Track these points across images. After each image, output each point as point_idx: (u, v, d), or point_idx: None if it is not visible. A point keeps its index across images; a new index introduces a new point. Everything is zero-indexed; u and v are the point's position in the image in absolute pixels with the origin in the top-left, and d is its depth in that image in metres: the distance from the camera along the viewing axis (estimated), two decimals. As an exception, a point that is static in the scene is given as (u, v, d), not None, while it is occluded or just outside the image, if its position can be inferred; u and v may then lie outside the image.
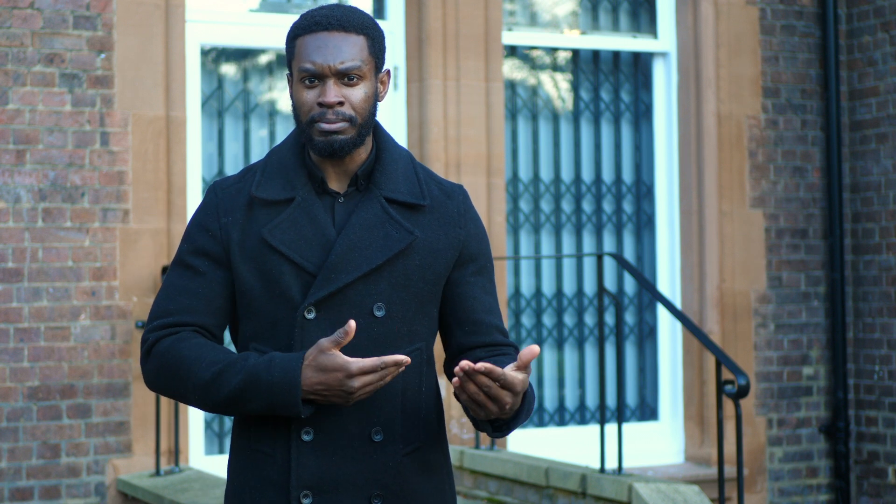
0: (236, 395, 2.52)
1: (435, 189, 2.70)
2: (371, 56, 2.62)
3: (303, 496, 2.57)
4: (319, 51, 2.58)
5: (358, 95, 2.59)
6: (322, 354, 2.47)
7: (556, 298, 7.24)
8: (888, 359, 7.30)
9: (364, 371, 2.45)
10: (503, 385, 2.43)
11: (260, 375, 2.51)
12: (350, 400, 2.48)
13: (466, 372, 2.42)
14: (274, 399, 2.50)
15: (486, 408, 2.46)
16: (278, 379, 2.49)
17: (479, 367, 2.41)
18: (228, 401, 2.54)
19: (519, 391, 2.45)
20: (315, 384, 2.48)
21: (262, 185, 2.65)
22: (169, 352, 2.59)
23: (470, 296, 2.69)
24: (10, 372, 5.97)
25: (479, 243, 2.72)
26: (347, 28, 2.60)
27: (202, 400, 2.57)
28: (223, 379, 2.53)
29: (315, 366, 2.48)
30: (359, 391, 2.47)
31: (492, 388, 2.43)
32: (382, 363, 2.45)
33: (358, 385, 2.46)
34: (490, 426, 2.57)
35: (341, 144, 2.59)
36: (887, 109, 7.32)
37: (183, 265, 2.66)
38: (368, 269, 2.58)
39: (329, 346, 2.46)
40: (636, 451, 6.84)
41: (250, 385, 2.51)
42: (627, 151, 7.45)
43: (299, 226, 2.61)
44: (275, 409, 2.51)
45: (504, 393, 2.44)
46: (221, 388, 2.54)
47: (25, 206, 6.02)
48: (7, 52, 6.01)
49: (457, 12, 6.73)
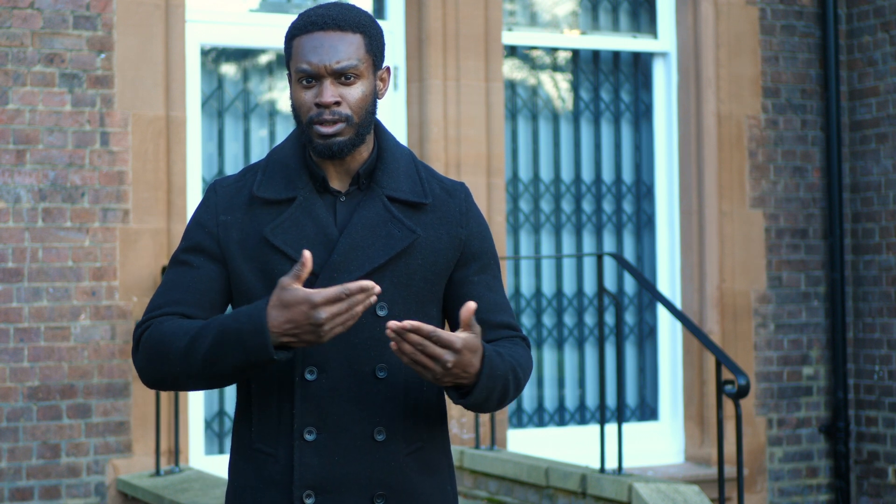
0: (212, 354, 2.48)
1: (437, 187, 2.70)
2: (368, 54, 2.61)
3: (305, 496, 2.56)
4: (315, 51, 2.57)
5: (355, 94, 2.58)
6: (284, 291, 2.41)
7: (556, 298, 7.24)
8: (888, 359, 7.30)
9: (328, 300, 2.38)
10: (438, 342, 2.40)
11: (229, 326, 2.46)
12: (322, 334, 2.41)
13: (395, 331, 2.39)
14: (246, 347, 2.44)
15: (428, 368, 2.42)
16: (245, 325, 2.44)
17: (406, 324, 2.38)
18: (206, 363, 2.49)
19: (458, 348, 2.41)
20: (283, 323, 2.42)
21: (264, 184, 2.65)
22: (151, 337, 2.58)
23: (474, 295, 2.67)
24: (10, 372, 5.97)
25: (482, 241, 2.71)
26: (343, 27, 2.59)
27: (186, 371, 2.53)
28: (198, 342, 2.50)
29: (279, 304, 2.42)
30: (328, 322, 2.39)
31: (426, 346, 2.40)
32: (346, 290, 2.37)
33: (325, 315, 2.39)
34: (455, 392, 2.52)
35: (340, 147, 2.58)
36: (887, 109, 7.32)
37: (178, 262, 2.67)
38: (371, 269, 2.58)
39: (289, 281, 2.41)
40: (636, 451, 6.84)
41: (222, 339, 2.47)
42: (627, 151, 7.45)
43: (301, 225, 2.61)
44: (250, 359, 2.45)
45: (442, 351, 2.40)
46: (198, 352, 2.50)
47: (25, 206, 6.02)
48: (7, 52, 6.01)
49: (457, 12, 6.73)
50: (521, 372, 2.62)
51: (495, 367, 2.52)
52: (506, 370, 2.55)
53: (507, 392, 2.58)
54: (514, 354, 2.63)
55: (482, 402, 2.55)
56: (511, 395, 2.62)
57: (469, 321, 2.44)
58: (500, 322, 2.70)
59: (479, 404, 2.55)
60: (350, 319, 2.41)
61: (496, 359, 2.53)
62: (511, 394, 2.61)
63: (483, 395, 2.52)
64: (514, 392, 2.62)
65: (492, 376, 2.51)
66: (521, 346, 2.69)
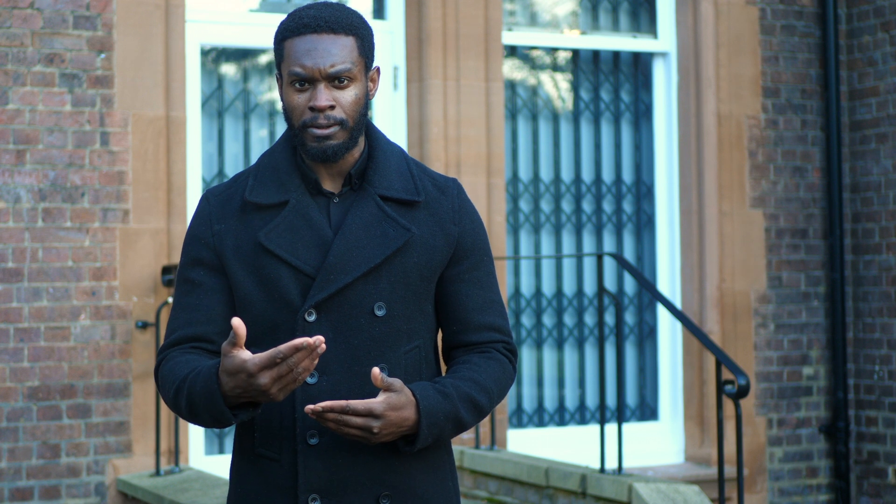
0: (190, 411, 2.53)
1: (429, 184, 2.69)
2: (361, 56, 2.60)
3: (310, 500, 2.56)
4: (309, 54, 2.55)
5: (349, 98, 2.57)
6: (224, 358, 2.41)
7: (556, 298, 7.24)
8: (888, 359, 7.30)
9: (262, 366, 2.37)
10: (356, 413, 2.42)
11: (193, 389, 2.49)
12: (272, 396, 2.39)
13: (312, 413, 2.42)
14: (210, 411, 2.47)
15: (360, 437, 2.45)
16: (204, 392, 2.46)
17: (318, 406, 2.41)
18: (192, 416, 2.54)
19: (380, 413, 2.43)
20: (232, 389, 2.42)
21: (255, 189, 2.64)
22: (159, 377, 2.64)
23: (462, 293, 2.66)
24: (10, 372, 5.97)
25: (475, 238, 2.69)
26: (336, 29, 2.57)
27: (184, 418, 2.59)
28: (180, 398, 2.54)
29: (224, 371, 2.42)
30: (273, 387, 2.38)
31: (346, 420, 2.42)
32: (279, 354, 2.35)
33: (266, 381, 2.37)
34: (402, 442, 2.54)
35: (335, 150, 2.57)
36: (887, 109, 7.32)
37: (182, 280, 2.68)
38: (368, 269, 2.57)
39: (227, 348, 2.40)
40: (636, 451, 6.84)
41: (192, 400, 2.50)
42: (627, 151, 7.44)
43: (295, 228, 2.60)
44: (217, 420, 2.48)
45: (363, 420, 2.43)
46: (181, 406, 2.55)
47: (25, 206, 6.02)
48: (7, 52, 6.01)
49: (457, 12, 6.73)
50: (484, 398, 2.60)
51: (435, 412, 2.51)
52: (451, 409, 2.54)
53: (462, 424, 2.58)
54: (479, 377, 2.62)
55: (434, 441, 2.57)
56: (472, 422, 2.62)
57: (383, 384, 2.45)
58: (485, 323, 2.68)
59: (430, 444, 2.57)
60: (299, 376, 2.39)
61: (437, 403, 2.53)
62: (471, 421, 2.61)
63: (429, 440, 2.54)
64: (475, 418, 2.61)
65: (433, 424, 2.51)
66: (497, 359, 2.67)
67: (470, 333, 2.67)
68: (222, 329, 2.64)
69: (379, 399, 2.45)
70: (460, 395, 2.56)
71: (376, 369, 2.44)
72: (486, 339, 2.68)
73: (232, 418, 2.45)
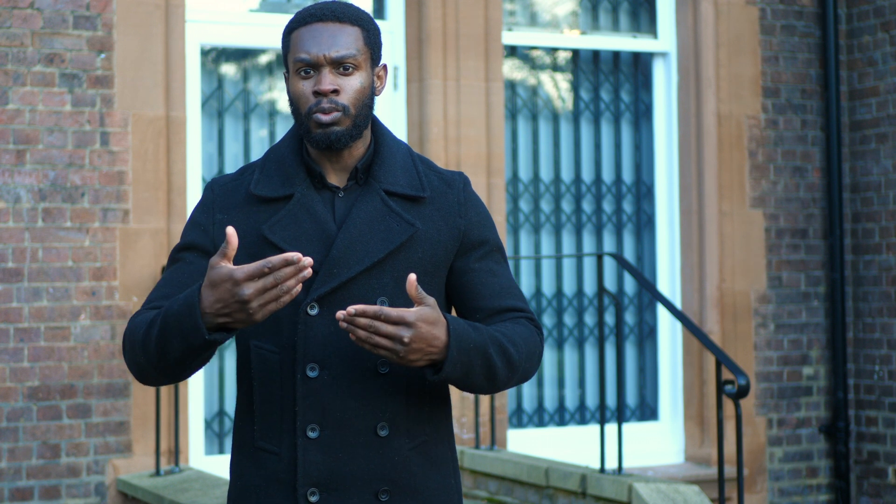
0: (161, 340, 2.46)
1: (435, 179, 2.69)
2: (366, 46, 2.62)
3: (310, 494, 2.56)
4: (314, 40, 2.58)
5: (353, 85, 2.59)
6: (211, 270, 2.38)
7: (556, 298, 7.24)
8: (888, 359, 7.30)
9: (250, 275, 2.34)
10: (388, 320, 2.39)
11: (170, 310, 2.45)
12: (252, 311, 2.36)
13: (343, 320, 2.38)
14: (182, 329, 2.42)
15: (388, 349, 2.40)
16: (182, 307, 2.42)
17: (351, 309, 2.37)
18: (159, 350, 2.48)
19: (411, 321, 2.39)
20: (213, 303, 2.38)
21: (261, 182, 2.65)
22: (127, 329, 2.59)
23: (477, 282, 2.66)
24: (10, 372, 5.97)
25: (482, 229, 2.70)
26: (342, 19, 2.61)
27: (149, 361, 2.52)
28: (152, 330, 2.49)
29: (207, 284, 2.39)
30: (255, 299, 2.35)
31: (377, 326, 2.38)
32: (269, 263, 2.33)
33: (249, 292, 2.34)
34: (431, 370, 2.49)
35: (338, 136, 2.58)
36: (887, 109, 7.32)
37: (173, 261, 2.69)
38: (371, 263, 2.58)
39: (217, 259, 2.38)
40: (636, 451, 6.84)
41: (166, 323, 2.45)
42: (627, 151, 7.45)
43: (299, 222, 2.61)
44: (188, 341, 2.42)
45: (395, 328, 2.39)
46: (152, 340, 2.49)
47: (25, 206, 6.02)
48: (7, 52, 6.01)
49: (457, 12, 6.73)
50: (512, 348, 2.56)
51: (465, 338, 2.47)
52: (483, 342, 2.50)
53: (493, 367, 2.53)
54: (506, 330, 2.59)
55: (462, 379, 2.51)
56: (502, 368, 2.55)
57: (416, 296, 2.42)
58: (506, 306, 2.66)
59: (459, 380, 2.51)
60: (282, 295, 2.36)
61: (468, 331, 2.49)
62: (500, 367, 2.55)
63: (459, 369, 2.48)
64: (504, 365, 2.55)
65: (463, 349, 2.47)
66: (524, 324, 2.65)
67: (490, 319, 2.65)
68: None
69: (412, 309, 2.42)
70: (489, 335, 2.53)
71: (412, 276, 2.41)
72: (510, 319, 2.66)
73: (205, 334, 2.39)
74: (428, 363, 2.47)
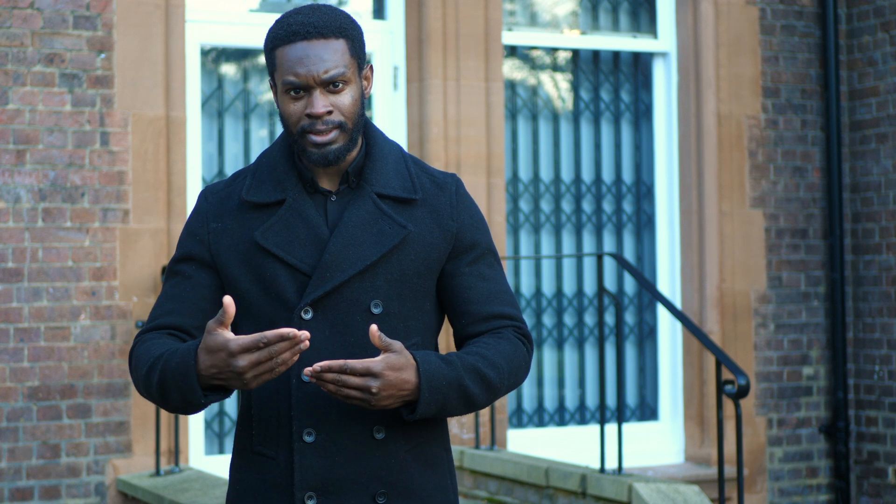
0: (160, 389, 2.50)
1: (427, 181, 2.68)
2: (353, 58, 2.59)
3: (307, 498, 2.56)
4: (301, 62, 2.54)
5: (346, 101, 2.57)
6: (207, 335, 2.40)
7: (556, 298, 7.24)
8: (888, 359, 7.30)
9: (244, 348, 2.36)
10: (354, 373, 2.40)
11: (168, 364, 2.48)
12: (246, 381, 2.38)
13: (311, 377, 2.41)
14: (180, 387, 2.45)
15: (360, 399, 2.42)
16: (178, 365, 2.45)
17: (316, 366, 2.39)
18: (160, 397, 2.52)
19: (378, 371, 2.40)
20: (209, 367, 2.41)
21: (253, 188, 2.65)
22: (132, 356, 2.62)
23: (465, 286, 2.65)
24: (10, 372, 5.97)
25: (475, 232, 2.69)
26: (326, 34, 2.56)
27: (150, 398, 2.56)
28: (152, 374, 2.52)
29: (204, 348, 2.41)
30: (249, 371, 2.37)
31: (344, 380, 2.40)
32: (263, 338, 2.35)
33: (244, 364, 2.36)
34: (405, 410, 2.50)
35: (336, 154, 2.58)
36: (887, 109, 7.32)
37: (172, 274, 2.69)
38: (363, 267, 2.58)
39: (213, 325, 2.39)
40: (636, 451, 6.84)
41: (164, 376, 2.48)
42: (627, 151, 7.45)
43: (292, 227, 2.60)
44: (185, 398, 2.46)
45: (362, 380, 2.40)
46: (152, 384, 2.52)
47: (25, 206, 6.02)
48: (7, 52, 6.02)
49: (457, 12, 6.73)
50: (492, 372, 2.56)
51: (437, 376, 2.48)
52: (456, 376, 2.51)
53: (470, 396, 2.53)
54: (486, 352, 2.58)
55: (440, 412, 2.52)
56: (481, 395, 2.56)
57: (381, 344, 2.43)
58: (493, 313, 2.65)
59: (437, 414, 2.52)
60: (276, 367, 2.38)
61: (440, 368, 2.49)
62: (479, 394, 2.55)
63: (434, 406, 2.49)
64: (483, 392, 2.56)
65: (435, 387, 2.48)
66: (507, 338, 2.64)
67: (478, 325, 2.65)
68: (202, 324, 2.64)
69: (378, 359, 2.43)
70: (465, 365, 2.53)
71: (374, 327, 2.43)
72: (497, 326, 2.66)
73: (201, 397, 2.43)
74: (402, 404, 2.49)
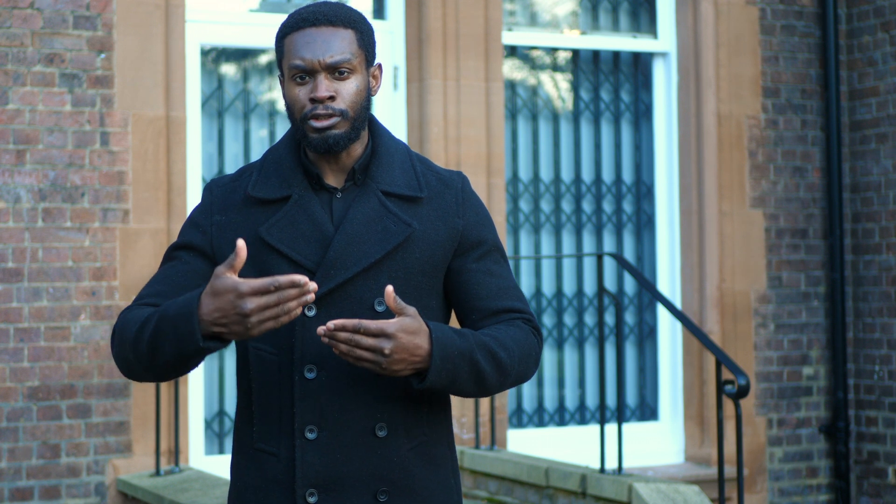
0: (153, 341, 2.46)
1: (433, 179, 2.69)
2: (361, 49, 2.61)
3: (308, 495, 2.56)
4: (308, 46, 2.58)
5: (349, 89, 2.58)
6: (215, 279, 2.39)
7: (556, 298, 7.24)
8: (888, 359, 7.30)
9: (255, 290, 2.35)
10: (368, 333, 2.40)
11: (167, 312, 2.45)
12: (249, 326, 2.37)
13: (324, 335, 2.40)
14: (177, 333, 2.42)
15: (370, 361, 2.42)
16: (180, 310, 2.42)
17: (330, 324, 2.39)
18: (150, 351, 2.48)
19: (391, 333, 2.40)
20: (212, 311, 2.38)
21: (259, 184, 2.65)
22: (118, 324, 2.59)
23: (473, 283, 2.66)
24: (10, 372, 5.97)
25: (481, 229, 2.69)
26: (335, 22, 2.60)
27: (138, 359, 2.52)
28: (145, 329, 2.49)
29: (210, 291, 2.39)
30: (255, 314, 2.35)
31: (358, 340, 2.40)
32: (275, 282, 2.34)
33: (251, 307, 2.35)
34: (416, 378, 2.50)
35: (336, 140, 2.58)
36: (887, 109, 7.32)
37: (168, 258, 2.69)
38: (368, 264, 2.58)
39: (223, 269, 2.38)
40: (636, 451, 6.84)
41: (160, 325, 2.45)
42: (627, 151, 7.45)
43: (296, 223, 2.61)
44: (181, 346, 2.42)
45: (375, 341, 2.40)
46: (144, 339, 2.49)
47: (25, 206, 6.02)
48: (7, 52, 6.02)
49: (457, 12, 6.73)
50: (503, 352, 2.56)
51: (449, 345, 2.48)
52: (468, 348, 2.50)
53: (481, 372, 2.53)
54: (497, 334, 2.58)
55: (449, 385, 2.51)
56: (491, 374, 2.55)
57: (396, 307, 2.43)
58: (503, 307, 2.66)
59: (446, 387, 2.51)
60: (282, 315, 2.37)
61: (452, 338, 2.49)
62: (490, 372, 2.55)
63: (444, 376, 2.48)
64: (494, 370, 2.55)
65: (447, 356, 2.47)
66: (518, 325, 2.64)
67: (487, 320, 2.65)
68: None
69: (392, 321, 2.43)
70: (477, 341, 2.53)
71: (390, 288, 2.42)
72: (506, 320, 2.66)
73: (199, 340, 2.39)
74: (413, 372, 2.48)
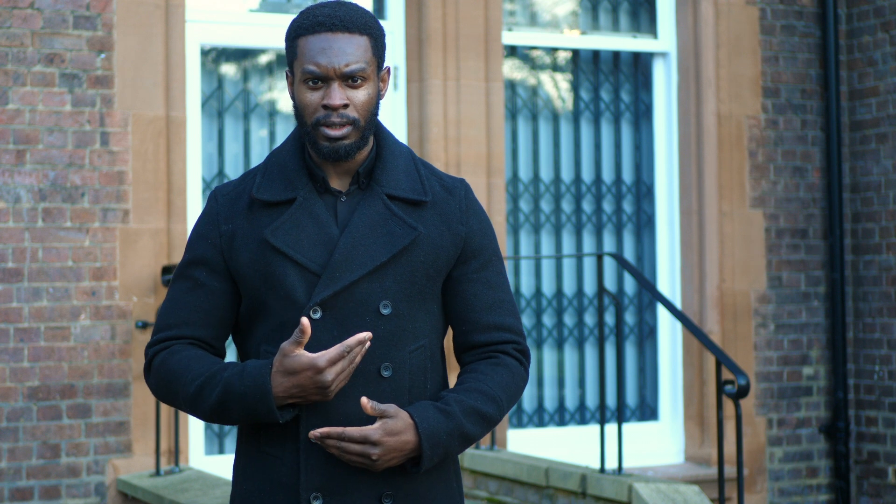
0: (218, 408, 2.55)
1: (436, 185, 2.69)
2: (374, 56, 2.60)
3: (312, 498, 2.56)
4: (324, 52, 2.56)
5: (362, 97, 2.58)
6: (286, 358, 2.47)
7: (556, 298, 7.24)
8: (888, 359, 7.30)
9: (332, 361, 2.45)
10: (352, 440, 2.47)
11: (234, 387, 2.52)
12: (329, 393, 2.48)
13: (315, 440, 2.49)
14: (250, 409, 2.51)
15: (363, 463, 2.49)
16: (250, 389, 2.50)
17: (315, 433, 2.47)
18: (214, 413, 2.56)
19: (376, 440, 2.46)
20: (289, 388, 2.48)
21: (263, 186, 2.64)
22: (162, 366, 2.63)
23: (470, 293, 2.66)
24: (10, 372, 5.97)
25: (483, 238, 2.70)
26: (351, 29, 2.58)
27: (196, 413, 2.61)
28: (205, 393, 2.55)
29: (283, 371, 2.48)
30: (334, 382, 2.47)
31: (344, 446, 2.47)
32: (347, 347, 2.45)
33: (331, 377, 2.46)
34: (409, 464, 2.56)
35: (347, 150, 2.58)
36: (887, 109, 7.32)
37: (183, 277, 2.68)
38: (373, 267, 2.58)
39: (291, 348, 2.46)
40: (636, 451, 6.84)
41: (227, 397, 2.53)
42: (627, 151, 7.45)
43: (301, 226, 2.60)
44: (255, 418, 2.53)
45: (361, 447, 2.47)
46: (205, 402, 2.56)
47: (25, 206, 6.02)
48: (7, 52, 6.01)
49: (457, 12, 6.73)
50: (492, 407, 2.61)
51: (436, 432, 2.53)
52: (454, 426, 2.55)
53: (468, 438, 2.59)
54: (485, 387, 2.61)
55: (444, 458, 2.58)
56: (480, 433, 2.62)
57: (375, 412, 2.48)
58: (495, 322, 2.67)
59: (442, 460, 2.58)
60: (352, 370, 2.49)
61: (438, 422, 2.54)
62: (479, 433, 2.61)
63: (437, 458, 2.55)
64: (483, 429, 2.62)
65: (436, 444, 2.53)
66: (502, 366, 2.66)
67: (479, 333, 2.67)
68: (219, 335, 2.67)
69: (375, 426, 2.48)
70: (464, 410, 2.57)
71: (364, 399, 2.48)
72: (497, 339, 2.67)
73: (279, 417, 2.51)
74: (407, 460, 2.54)
